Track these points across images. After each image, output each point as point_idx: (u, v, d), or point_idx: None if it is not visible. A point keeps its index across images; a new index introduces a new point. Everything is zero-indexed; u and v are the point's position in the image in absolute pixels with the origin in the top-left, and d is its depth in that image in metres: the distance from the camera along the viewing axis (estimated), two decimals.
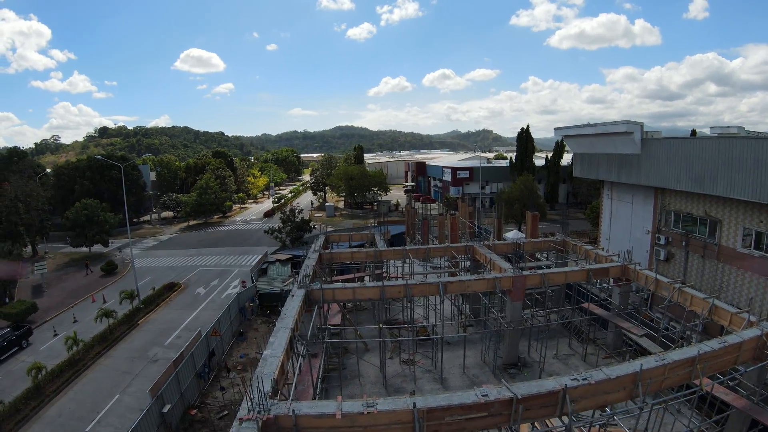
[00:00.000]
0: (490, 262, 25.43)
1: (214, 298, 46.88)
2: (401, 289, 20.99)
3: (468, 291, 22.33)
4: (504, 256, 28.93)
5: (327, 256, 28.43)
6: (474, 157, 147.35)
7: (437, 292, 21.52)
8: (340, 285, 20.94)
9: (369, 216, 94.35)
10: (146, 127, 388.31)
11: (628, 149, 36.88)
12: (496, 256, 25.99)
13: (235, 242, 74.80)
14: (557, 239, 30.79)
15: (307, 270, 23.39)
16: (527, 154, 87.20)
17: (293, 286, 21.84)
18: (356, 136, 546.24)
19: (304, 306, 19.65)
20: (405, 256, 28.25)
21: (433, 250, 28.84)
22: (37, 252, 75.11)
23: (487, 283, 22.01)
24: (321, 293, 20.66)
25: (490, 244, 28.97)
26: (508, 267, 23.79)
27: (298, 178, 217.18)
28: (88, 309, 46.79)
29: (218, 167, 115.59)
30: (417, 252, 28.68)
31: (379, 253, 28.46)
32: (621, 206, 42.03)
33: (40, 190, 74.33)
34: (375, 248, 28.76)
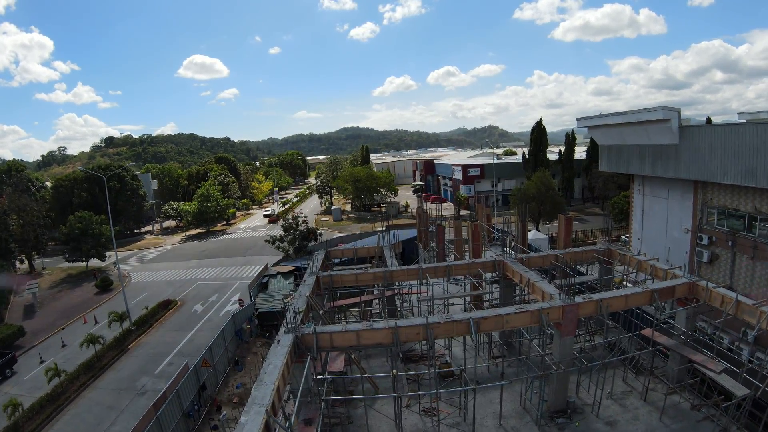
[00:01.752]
0: (528, 284, 21.15)
1: (211, 316, 43.33)
2: (420, 330, 16.60)
3: (507, 327, 18.07)
4: (537, 269, 24.77)
5: (326, 279, 24.01)
6: (483, 153, 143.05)
7: (467, 330, 17.03)
8: (340, 328, 16.20)
9: (377, 218, 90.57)
10: (152, 136, 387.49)
11: (665, 139, 32.83)
12: (534, 276, 21.72)
13: (237, 252, 71.36)
14: (600, 248, 26.36)
15: (298, 305, 19.22)
16: (541, 148, 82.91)
17: (280, 331, 17.11)
18: (362, 136, 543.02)
19: (292, 357, 15.50)
20: (421, 276, 23.94)
21: (455, 268, 24.41)
22: (34, 268, 72.35)
23: (532, 316, 17.55)
24: (315, 339, 16.33)
25: (523, 257, 24.61)
26: (552, 291, 19.37)
27: (305, 182, 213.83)
28: (78, 331, 43.69)
29: (221, 173, 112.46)
30: (435, 270, 24.35)
31: (390, 274, 23.97)
32: (654, 202, 38.00)
33: (34, 204, 71.39)
34: (384, 268, 24.61)
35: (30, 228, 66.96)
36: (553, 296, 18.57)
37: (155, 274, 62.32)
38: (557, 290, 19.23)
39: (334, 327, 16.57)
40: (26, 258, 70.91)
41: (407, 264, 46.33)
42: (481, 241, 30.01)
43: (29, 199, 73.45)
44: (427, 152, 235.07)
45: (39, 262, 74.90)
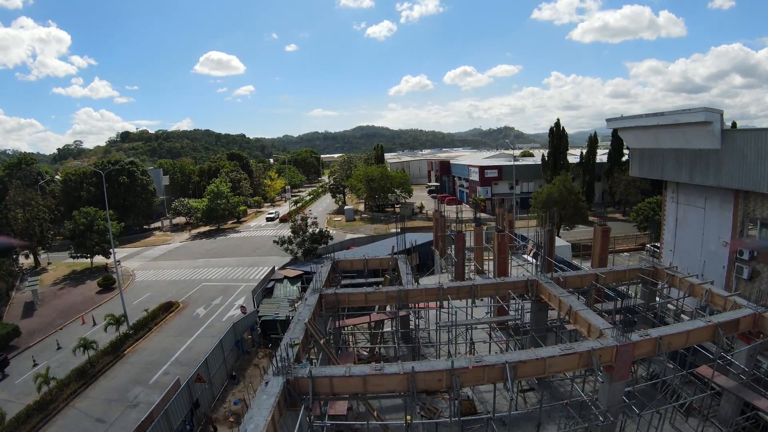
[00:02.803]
0: (570, 312, 17.70)
1: (213, 321, 41.16)
2: (443, 376, 13.37)
3: (550, 372, 14.99)
4: (575, 291, 21.68)
5: (331, 298, 20.73)
6: (499, 154, 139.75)
7: (501, 377, 13.95)
8: (342, 371, 12.94)
9: (391, 220, 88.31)
10: (168, 131, 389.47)
11: (705, 143, 29.81)
12: (577, 303, 18.18)
13: (245, 251, 69.33)
14: (646, 267, 23.04)
15: (293, 333, 15.96)
16: (561, 150, 79.75)
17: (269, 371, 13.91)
18: (377, 135, 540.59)
19: (282, 407, 12.50)
20: (441, 298, 20.58)
21: (481, 288, 21.03)
22: (39, 262, 71.15)
23: (580, 359, 14.34)
24: (311, 384, 13.17)
25: (560, 277, 21.30)
26: (601, 324, 16.05)
27: (318, 180, 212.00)
28: (76, 332, 41.89)
29: (232, 170, 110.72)
30: (458, 291, 21.07)
31: (405, 293, 20.65)
32: (690, 212, 34.92)
33: (39, 198, 70.04)
34: (399, 287, 21.42)
35: (35, 222, 65.64)
36: (603, 332, 15.38)
37: (160, 273, 60.48)
38: (606, 322, 16.16)
39: (336, 369, 13.49)
40: (31, 253, 69.71)
41: (422, 271, 43.84)
42: (508, 254, 27.02)
43: (35, 193, 72.11)
44: (442, 152, 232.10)
45: (45, 256, 73.69)
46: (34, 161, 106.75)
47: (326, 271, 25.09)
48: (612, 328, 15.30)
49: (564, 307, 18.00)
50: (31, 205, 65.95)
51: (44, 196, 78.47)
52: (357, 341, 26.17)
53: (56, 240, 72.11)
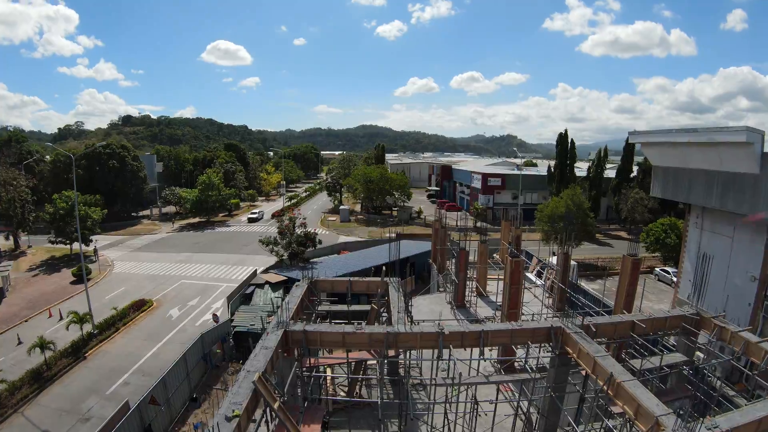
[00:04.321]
0: (611, 383, 13.60)
1: (186, 325, 37.84)
2: None
3: None
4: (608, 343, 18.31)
5: (298, 336, 16.58)
6: (502, 162, 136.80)
7: None
8: None
9: (388, 223, 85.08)
10: (170, 118, 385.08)
11: (741, 166, 26.60)
12: (620, 368, 14.26)
13: (232, 247, 65.99)
14: (690, 314, 19.32)
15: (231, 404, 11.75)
16: (568, 162, 76.62)
17: None
18: (380, 135, 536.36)
19: None
20: (442, 346, 16.39)
21: (492, 335, 16.86)
22: (19, 245, 67.79)
23: None
24: None
25: (590, 325, 17.14)
26: (656, 409, 12.18)
27: (317, 176, 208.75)
28: (41, 326, 38.79)
29: (228, 161, 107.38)
30: (462, 338, 16.81)
31: (394, 337, 16.50)
32: (715, 240, 31.71)
33: (22, 179, 66.63)
34: (387, 329, 17.11)
35: (17, 203, 62.35)
36: (660, 421, 11.61)
37: (140, 265, 57.09)
38: (660, 403, 12.53)
39: None
40: (11, 234, 66.46)
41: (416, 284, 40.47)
42: (522, 284, 23.33)
43: (18, 173, 68.65)
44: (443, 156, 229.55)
45: (26, 239, 70.38)
46: (25, 139, 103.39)
47: (299, 294, 21.11)
48: (670, 415, 11.76)
49: (601, 373, 14.34)
50: (13, 185, 62.64)
51: (29, 177, 75.12)
52: (334, 375, 22.50)
53: (40, 222, 68.77)
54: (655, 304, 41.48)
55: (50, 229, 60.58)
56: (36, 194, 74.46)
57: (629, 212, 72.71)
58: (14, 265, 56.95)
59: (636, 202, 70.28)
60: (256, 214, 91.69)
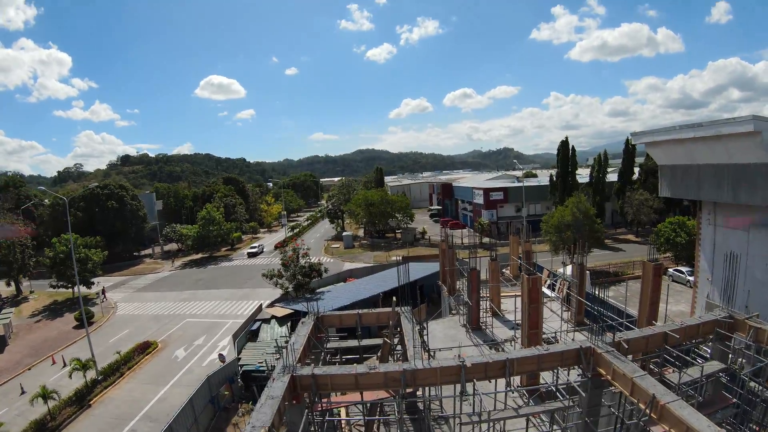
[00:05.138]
0: (655, 404, 12.30)
1: (193, 366, 36.58)
2: None
3: None
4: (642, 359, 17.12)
5: (306, 381, 15.29)
6: (501, 176, 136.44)
7: None
8: None
9: (392, 246, 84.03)
10: (168, 155, 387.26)
11: (750, 157, 25.80)
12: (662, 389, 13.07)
13: (236, 282, 64.85)
14: (722, 317, 18.10)
15: None
16: (570, 170, 75.86)
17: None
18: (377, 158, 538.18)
19: None
20: (464, 381, 14.98)
21: (518, 363, 15.53)
22: (21, 291, 66.97)
23: None
24: None
25: (622, 341, 15.81)
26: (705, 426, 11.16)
27: (318, 204, 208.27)
28: (45, 373, 37.89)
29: (227, 195, 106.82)
30: (486, 369, 15.41)
31: (413, 374, 15.22)
32: (730, 236, 30.67)
33: (21, 224, 66.11)
34: (404, 365, 15.91)
35: (17, 248, 61.66)
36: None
37: (143, 306, 56.05)
38: (711, 424, 11.31)
39: None
40: (12, 280, 65.65)
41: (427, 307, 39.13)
42: (541, 302, 21.99)
43: (17, 218, 68.16)
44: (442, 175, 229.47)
45: (27, 284, 69.54)
46: (23, 184, 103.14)
47: (305, 332, 19.84)
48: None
49: (641, 395, 13.05)
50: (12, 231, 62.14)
51: (27, 222, 74.55)
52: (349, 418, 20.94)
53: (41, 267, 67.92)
54: (673, 306, 40.23)
55: (51, 274, 59.75)
56: (36, 239, 73.83)
57: (635, 214, 71.86)
58: (16, 311, 56.16)
59: (641, 203, 69.56)
60: (256, 248, 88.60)
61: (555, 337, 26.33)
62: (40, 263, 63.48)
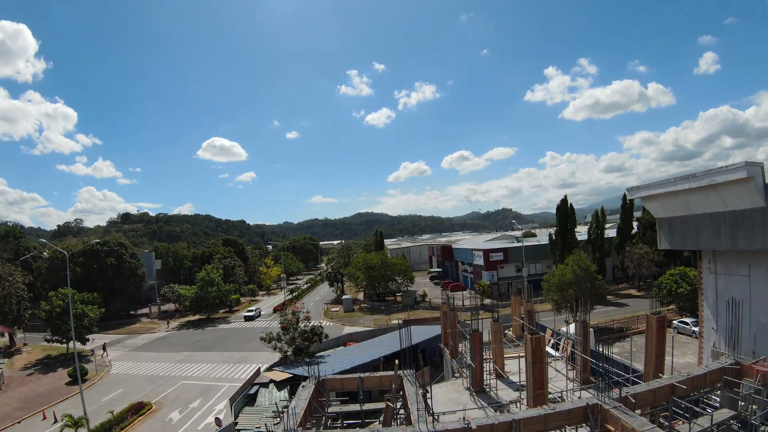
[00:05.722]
0: None
1: (188, 429, 35.22)
2: None
3: None
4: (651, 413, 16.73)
5: None
6: (501, 236, 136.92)
7: None
8: None
9: (392, 309, 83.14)
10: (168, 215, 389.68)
11: (746, 202, 26.27)
12: None
13: (234, 344, 63.57)
14: (728, 364, 18.01)
15: None
16: (569, 228, 76.62)
17: None
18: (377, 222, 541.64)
19: None
20: None
21: (524, 423, 15.14)
22: (14, 342, 65.75)
23: None
24: None
25: (629, 396, 15.74)
26: None
27: (317, 267, 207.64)
28: (34, 428, 37.27)
29: (226, 256, 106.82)
30: (494, 430, 14.86)
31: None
32: (732, 282, 30.55)
33: (18, 275, 65.71)
34: (408, 431, 15.21)
35: (13, 300, 61.03)
36: None
37: (139, 365, 54.72)
38: None
39: None
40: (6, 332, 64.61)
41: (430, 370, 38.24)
42: (546, 362, 21.50)
43: (14, 268, 67.79)
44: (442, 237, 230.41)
45: (21, 336, 68.30)
46: (22, 235, 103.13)
47: (306, 396, 19.41)
48: None
49: None
50: (9, 281, 61.66)
51: (26, 273, 74.09)
52: None
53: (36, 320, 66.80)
54: (679, 358, 39.38)
55: (46, 327, 58.99)
56: (33, 291, 73.42)
57: (636, 269, 72.08)
58: (9, 362, 55.48)
59: (641, 257, 69.98)
60: (253, 312, 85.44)
61: (561, 396, 25.71)
62: (36, 316, 62.81)
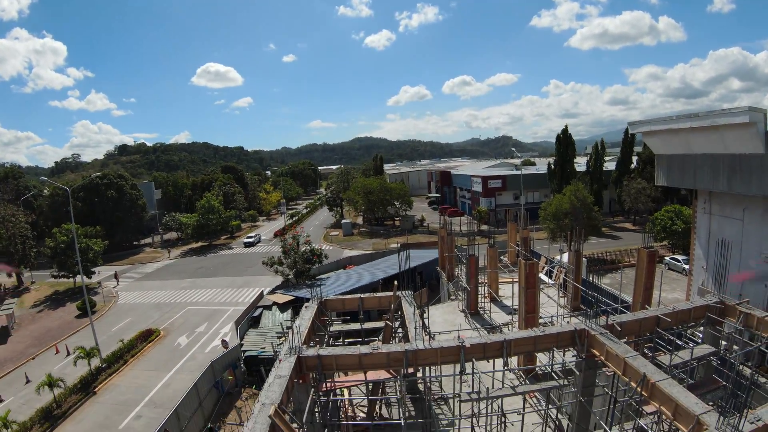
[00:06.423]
0: (646, 383, 12.94)
1: (195, 353, 37.18)
2: None
3: None
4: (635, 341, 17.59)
5: (312, 361, 15.87)
6: (500, 164, 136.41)
7: None
8: None
9: (391, 233, 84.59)
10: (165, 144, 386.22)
11: (746, 147, 26.02)
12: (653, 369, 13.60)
13: (236, 270, 65.40)
14: (713, 302, 18.71)
15: None
16: (568, 159, 76.24)
17: None
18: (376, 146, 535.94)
19: None
20: (463, 360, 15.62)
21: (515, 343, 16.13)
22: (22, 282, 67.32)
23: None
24: None
25: (615, 324, 16.51)
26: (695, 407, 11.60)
27: (316, 192, 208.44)
28: (49, 362, 38.37)
29: (226, 183, 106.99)
30: (485, 349, 16.05)
31: (413, 354, 15.81)
32: (725, 224, 31.02)
33: (21, 215, 66.25)
34: (405, 347, 16.23)
35: (18, 239, 61.94)
36: (702, 420, 11.08)
37: (144, 295, 56.54)
38: (700, 401, 11.93)
39: None
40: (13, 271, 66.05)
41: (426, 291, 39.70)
42: (538, 287, 22.61)
43: (17, 209, 68.27)
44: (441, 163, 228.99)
45: (28, 275, 69.90)
46: (21, 175, 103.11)
47: (309, 316, 20.34)
48: (711, 412, 11.18)
49: (633, 374, 13.71)
50: (12, 222, 62.29)
51: (28, 213, 74.78)
52: (352, 397, 21.64)
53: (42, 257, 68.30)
54: (668, 293, 40.80)
55: (52, 264, 60.15)
56: (36, 229, 74.12)
57: (633, 203, 72.30)
58: (18, 301, 56.59)
59: (639, 192, 69.89)
60: (253, 238, 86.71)
61: (551, 321, 26.91)
62: (41, 254, 63.85)
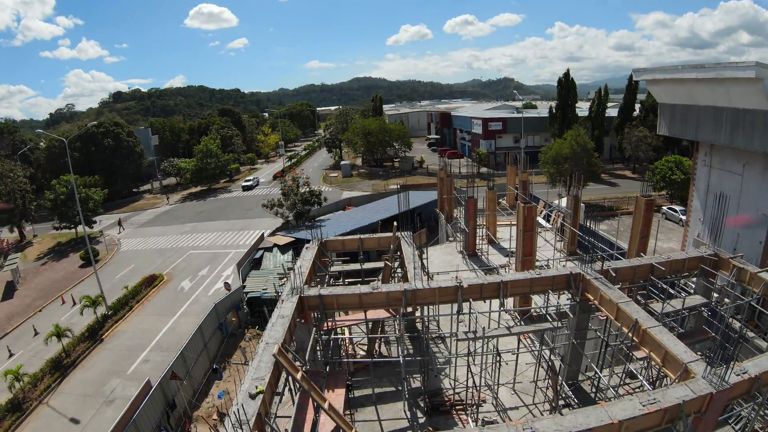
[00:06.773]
0: (638, 329, 13.33)
1: (199, 296, 38.09)
2: None
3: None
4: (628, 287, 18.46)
5: (314, 301, 16.22)
6: (501, 106, 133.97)
7: None
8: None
9: (390, 175, 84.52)
10: (160, 89, 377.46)
11: (750, 102, 25.45)
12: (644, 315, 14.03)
13: (236, 213, 65.85)
14: (708, 254, 18.82)
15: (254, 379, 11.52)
16: (570, 103, 74.75)
17: None
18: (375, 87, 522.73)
19: None
20: (460, 299, 16.16)
21: (511, 285, 16.68)
22: (24, 236, 67.74)
23: (665, 416, 10.54)
24: None
25: (610, 270, 16.86)
26: (684, 355, 12.02)
27: (314, 134, 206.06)
28: (56, 313, 39.16)
29: (223, 126, 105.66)
30: (482, 290, 16.58)
31: (412, 294, 16.14)
32: (725, 178, 30.76)
33: (19, 169, 65.93)
34: (405, 285, 16.74)
35: (17, 194, 61.93)
36: (690, 368, 11.55)
37: (146, 241, 57.21)
38: (688, 350, 12.28)
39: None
40: (15, 226, 66.40)
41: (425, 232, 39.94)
42: (536, 230, 22.82)
43: (14, 163, 67.88)
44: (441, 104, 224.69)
45: (30, 229, 70.34)
46: (16, 129, 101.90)
47: (310, 257, 20.73)
48: (699, 361, 11.61)
49: (625, 319, 14.11)
50: (10, 177, 62.10)
51: (25, 166, 74.38)
52: (352, 335, 22.46)
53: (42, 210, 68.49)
54: (664, 243, 41.21)
55: (53, 216, 60.52)
56: (35, 182, 73.89)
57: (633, 151, 71.65)
58: (22, 256, 57.21)
59: (640, 140, 69.10)
60: (251, 182, 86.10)
61: (547, 264, 27.49)
62: (42, 207, 64.00)
